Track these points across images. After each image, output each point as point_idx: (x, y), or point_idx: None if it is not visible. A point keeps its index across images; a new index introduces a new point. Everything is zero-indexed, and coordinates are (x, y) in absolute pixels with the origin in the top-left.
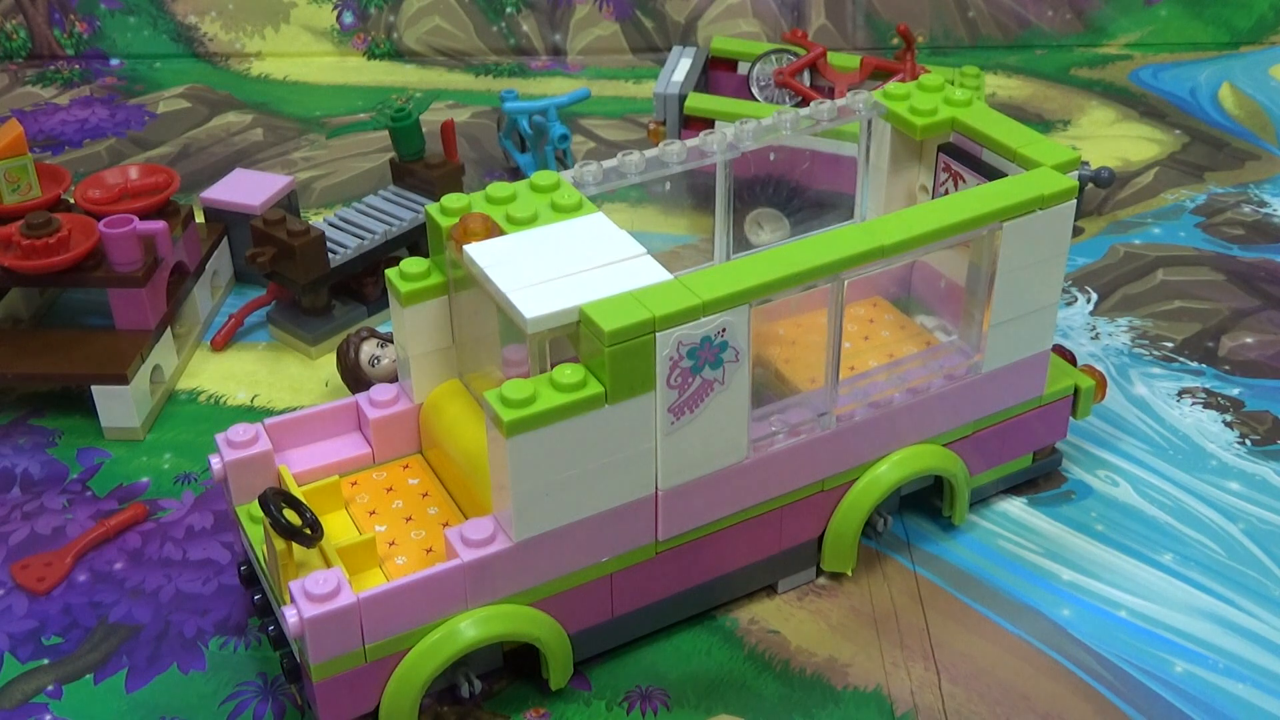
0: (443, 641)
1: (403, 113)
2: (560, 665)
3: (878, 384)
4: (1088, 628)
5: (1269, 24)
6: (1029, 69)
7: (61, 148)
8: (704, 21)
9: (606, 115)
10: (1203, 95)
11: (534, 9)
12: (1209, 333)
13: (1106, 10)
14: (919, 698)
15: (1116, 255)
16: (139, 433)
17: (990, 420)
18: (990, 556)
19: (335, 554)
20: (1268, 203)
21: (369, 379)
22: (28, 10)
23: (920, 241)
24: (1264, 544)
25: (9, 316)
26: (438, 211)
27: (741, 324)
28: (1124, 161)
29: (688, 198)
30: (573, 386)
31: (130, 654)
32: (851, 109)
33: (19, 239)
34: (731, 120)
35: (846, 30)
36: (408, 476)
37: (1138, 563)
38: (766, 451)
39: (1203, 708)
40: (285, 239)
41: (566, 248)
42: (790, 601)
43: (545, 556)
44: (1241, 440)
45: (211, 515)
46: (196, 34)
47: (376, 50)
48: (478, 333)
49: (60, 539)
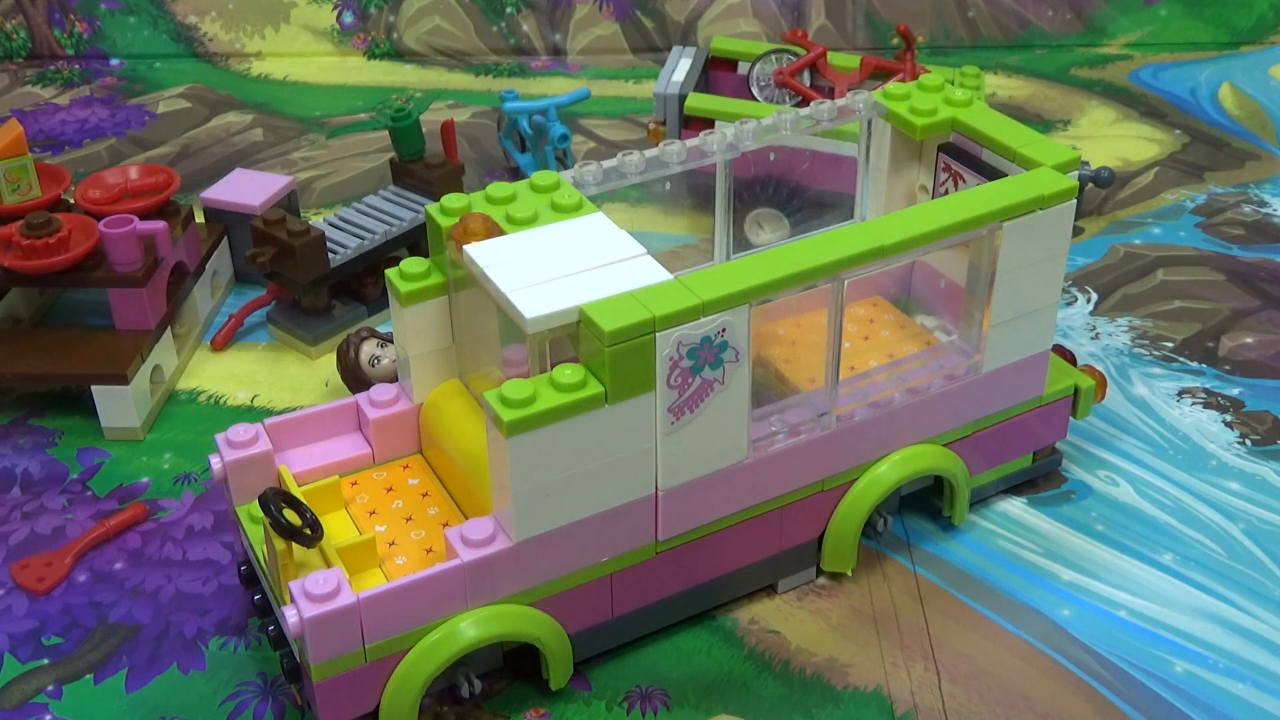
0: (443, 641)
1: (403, 113)
2: (560, 665)
3: (878, 384)
4: (1088, 628)
5: (1269, 24)
6: (1029, 69)
7: (61, 148)
8: (704, 21)
9: (606, 115)
10: (1203, 95)
11: (534, 9)
12: (1209, 333)
13: (1106, 10)
14: (919, 698)
15: (1116, 255)
16: (139, 433)
17: (990, 420)
18: (990, 556)
19: (335, 554)
20: (1268, 203)
21: (369, 379)
22: (28, 10)
23: (920, 241)
24: (1264, 544)
25: (9, 316)
26: (438, 211)
27: (741, 324)
28: (1124, 161)
29: (688, 198)
30: (573, 386)
31: (130, 654)
32: (851, 109)
33: (19, 239)
34: (731, 120)
35: (846, 30)
36: (408, 476)
37: (1138, 563)
38: (766, 451)
39: (1203, 708)
40: (285, 239)
41: (566, 248)
42: (790, 601)
43: (545, 556)
44: (1241, 440)
45: (211, 515)
46: (196, 34)
47: (376, 50)
48: (478, 333)
49: (60, 539)
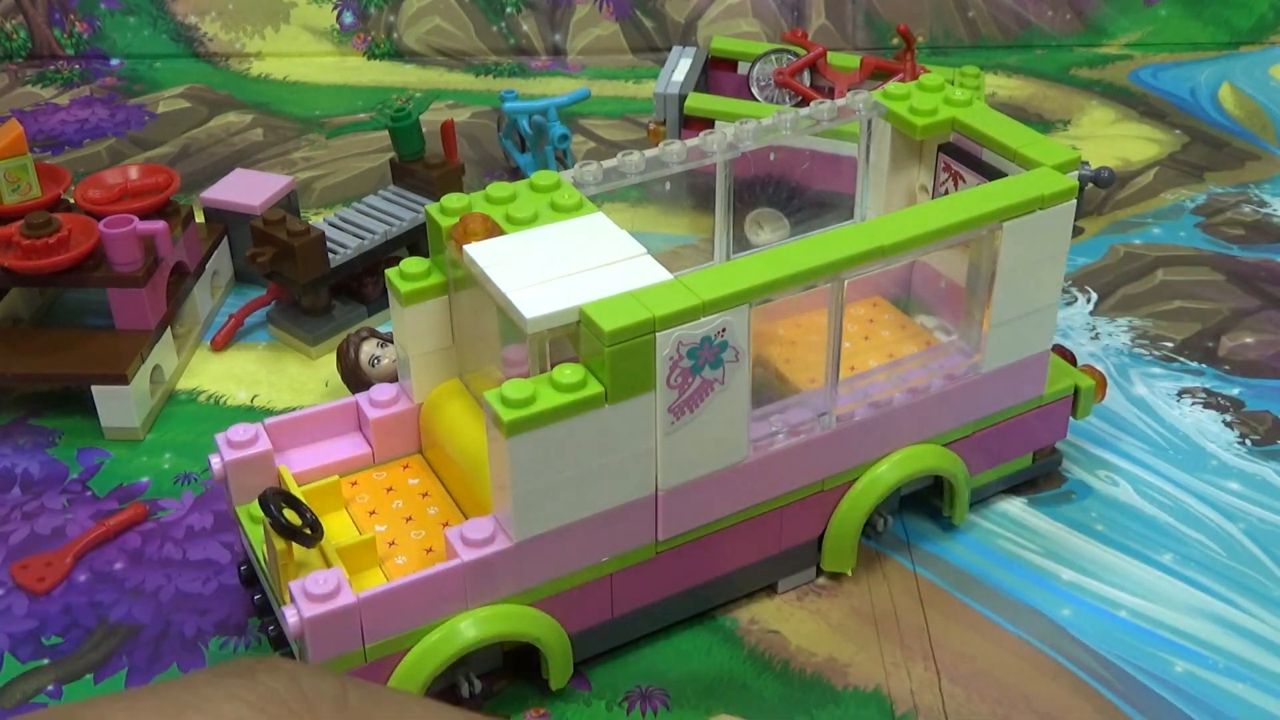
0: (443, 641)
1: (403, 113)
2: (560, 665)
3: (878, 384)
4: (1088, 628)
5: (1269, 24)
6: (1029, 69)
7: (61, 148)
8: (704, 21)
9: (606, 115)
10: (1203, 95)
11: (534, 9)
12: (1209, 333)
13: (1106, 10)
14: (919, 698)
15: (1116, 255)
16: (139, 433)
17: (990, 420)
18: (990, 556)
19: (335, 554)
20: (1268, 203)
21: (369, 379)
22: (28, 10)
23: (920, 241)
24: (1264, 544)
25: (9, 316)
26: (438, 211)
27: (741, 324)
28: (1124, 161)
29: (688, 198)
30: (573, 386)
31: (130, 654)
32: (851, 109)
33: (19, 239)
34: (731, 120)
35: (846, 30)
36: (408, 476)
37: (1138, 563)
38: (766, 451)
39: (1203, 708)
40: (285, 239)
41: (566, 248)
42: (790, 601)
43: (545, 556)
44: (1241, 440)
45: (211, 515)
46: (196, 34)
47: (376, 50)
48: (478, 333)
49: (60, 539)
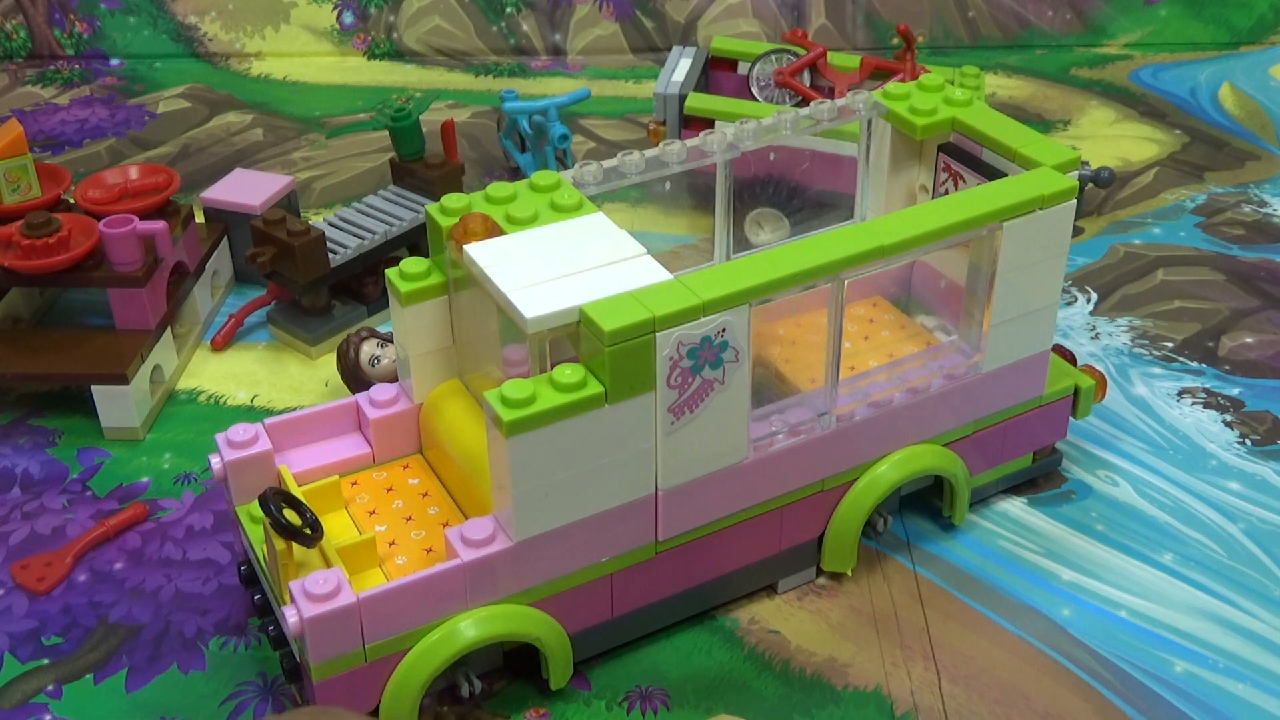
0: (443, 641)
1: (403, 113)
2: (560, 665)
3: (878, 384)
4: (1088, 628)
5: (1269, 24)
6: (1029, 69)
7: (61, 148)
8: (704, 21)
9: (606, 115)
10: (1203, 95)
11: (534, 9)
12: (1209, 333)
13: (1106, 10)
14: (919, 698)
15: (1116, 255)
16: (139, 433)
17: (990, 420)
18: (990, 556)
19: (335, 554)
20: (1268, 203)
21: (369, 379)
22: (28, 10)
23: (920, 241)
24: (1264, 544)
25: (9, 316)
26: (438, 211)
27: (741, 324)
28: (1124, 161)
29: (688, 198)
30: (573, 386)
31: (130, 654)
32: (851, 109)
33: (19, 239)
34: (731, 120)
35: (846, 30)
36: (408, 476)
37: (1138, 563)
38: (766, 451)
39: (1203, 708)
40: (285, 239)
41: (566, 248)
42: (790, 601)
43: (545, 556)
44: (1241, 440)
45: (211, 515)
46: (196, 34)
47: (376, 50)
48: (478, 333)
49: (60, 539)
